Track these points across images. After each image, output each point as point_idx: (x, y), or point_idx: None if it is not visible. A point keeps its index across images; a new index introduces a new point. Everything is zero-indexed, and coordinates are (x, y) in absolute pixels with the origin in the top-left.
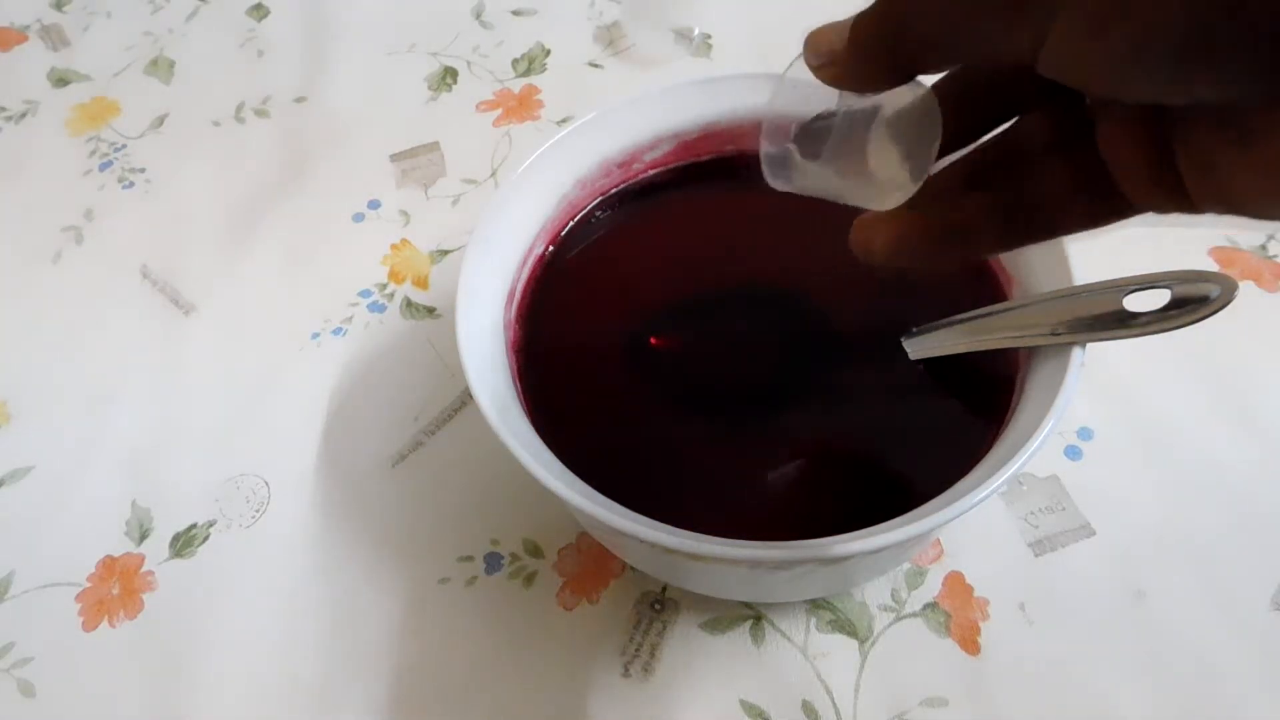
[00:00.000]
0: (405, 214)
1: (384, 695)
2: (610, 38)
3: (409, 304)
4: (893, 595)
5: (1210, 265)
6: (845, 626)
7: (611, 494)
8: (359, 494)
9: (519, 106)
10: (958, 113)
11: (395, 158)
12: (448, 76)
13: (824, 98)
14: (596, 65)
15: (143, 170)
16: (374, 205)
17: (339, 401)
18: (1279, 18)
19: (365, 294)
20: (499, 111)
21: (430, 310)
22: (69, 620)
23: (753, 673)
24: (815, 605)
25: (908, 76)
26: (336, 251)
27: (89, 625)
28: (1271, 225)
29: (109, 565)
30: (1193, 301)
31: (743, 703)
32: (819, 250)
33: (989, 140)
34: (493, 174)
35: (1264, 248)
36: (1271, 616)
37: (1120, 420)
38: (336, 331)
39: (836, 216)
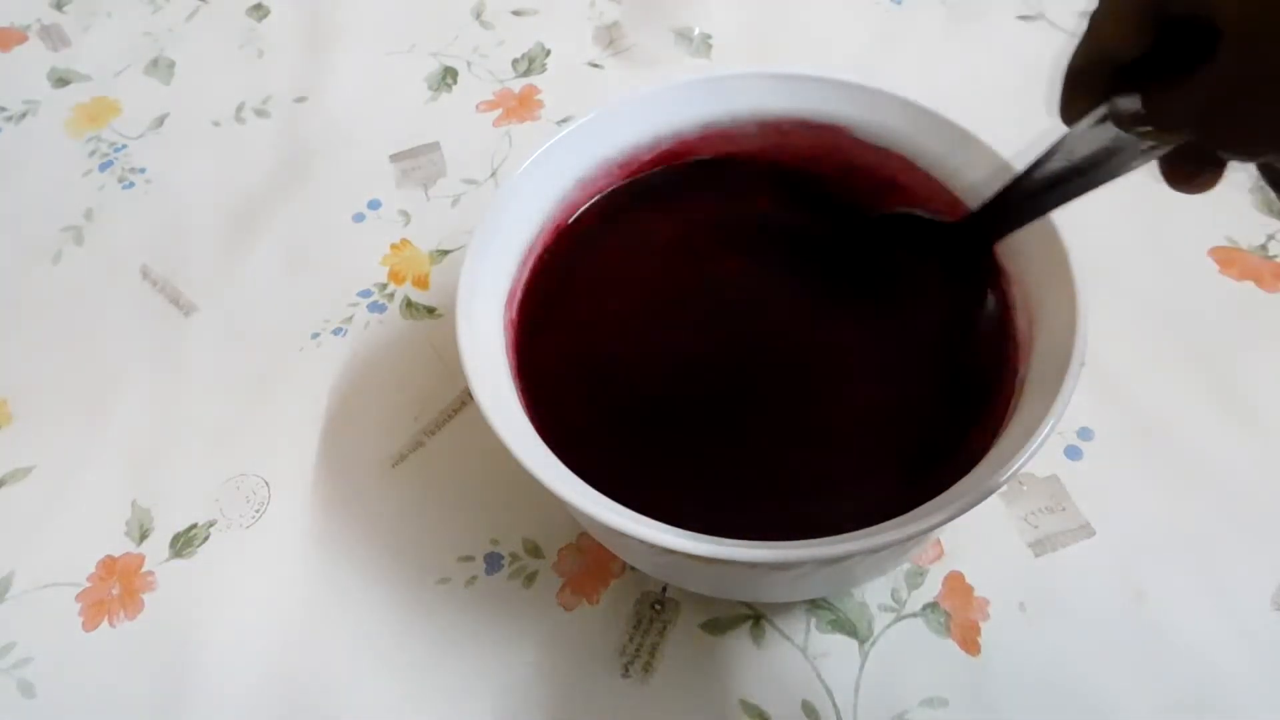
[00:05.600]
0: (405, 214)
1: (384, 695)
2: (610, 38)
3: (409, 304)
4: (893, 595)
5: (1210, 265)
6: (845, 626)
7: (611, 494)
8: (359, 494)
9: (519, 106)
10: None
11: (395, 158)
12: (448, 76)
13: None
14: (596, 65)
15: (143, 170)
16: (374, 205)
17: (339, 401)
18: None
19: (365, 294)
20: (499, 111)
21: (430, 310)
22: (69, 620)
23: (753, 673)
24: (815, 605)
25: None
26: (336, 251)
27: (89, 625)
28: (1272, 225)
29: (109, 565)
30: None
31: (743, 703)
32: (819, 250)
33: None
34: (493, 174)
35: (1264, 248)
36: (1271, 616)
37: (1120, 420)
38: (336, 331)
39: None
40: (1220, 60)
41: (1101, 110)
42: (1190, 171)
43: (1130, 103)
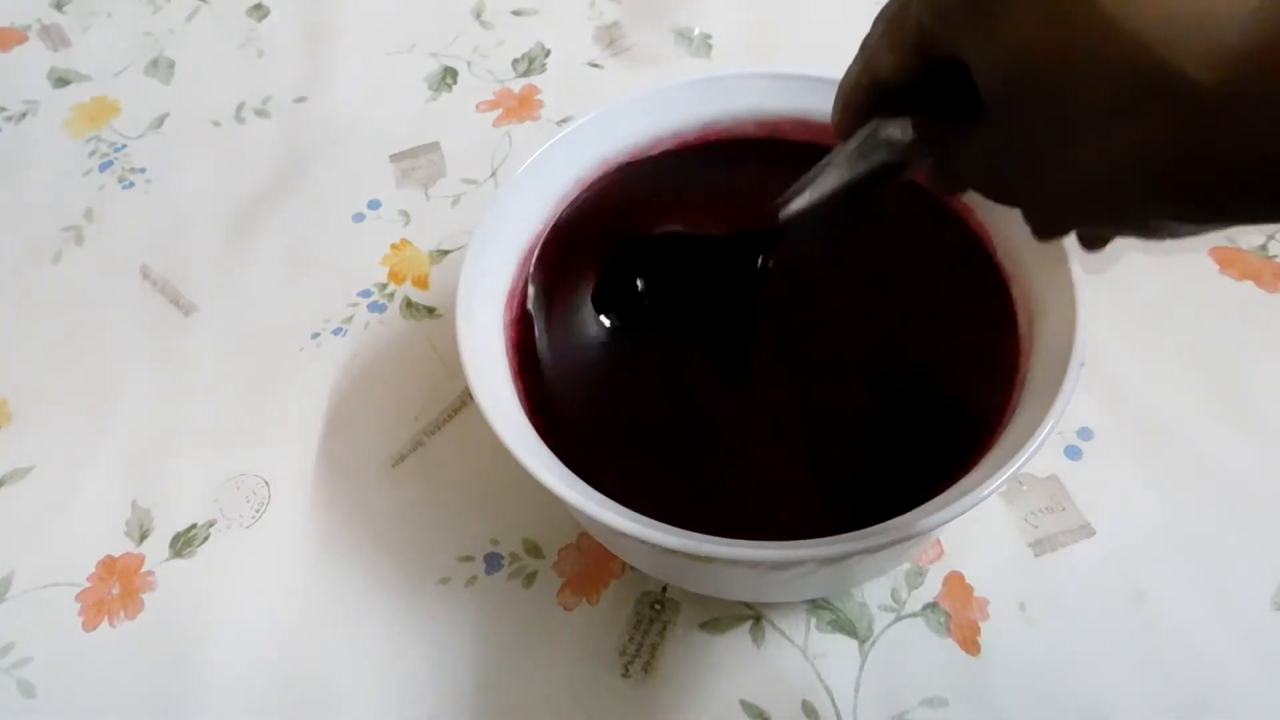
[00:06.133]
0: (405, 214)
1: (384, 695)
2: (610, 38)
3: (409, 304)
4: (893, 595)
5: (1209, 265)
6: (845, 626)
7: (611, 494)
8: (359, 494)
9: (519, 106)
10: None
11: (395, 158)
12: (448, 76)
13: None
14: (596, 65)
15: (143, 170)
16: (374, 205)
17: (339, 401)
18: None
19: (365, 294)
20: (499, 111)
21: (430, 310)
22: (69, 620)
23: (753, 673)
24: (815, 605)
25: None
26: (336, 251)
27: (89, 625)
28: (1271, 226)
29: (109, 565)
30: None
31: (743, 703)
32: (818, 248)
33: None
34: (493, 174)
35: (1264, 248)
36: (1271, 616)
37: (1120, 420)
38: (337, 331)
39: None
40: (981, 125)
41: (868, 129)
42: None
43: (898, 129)
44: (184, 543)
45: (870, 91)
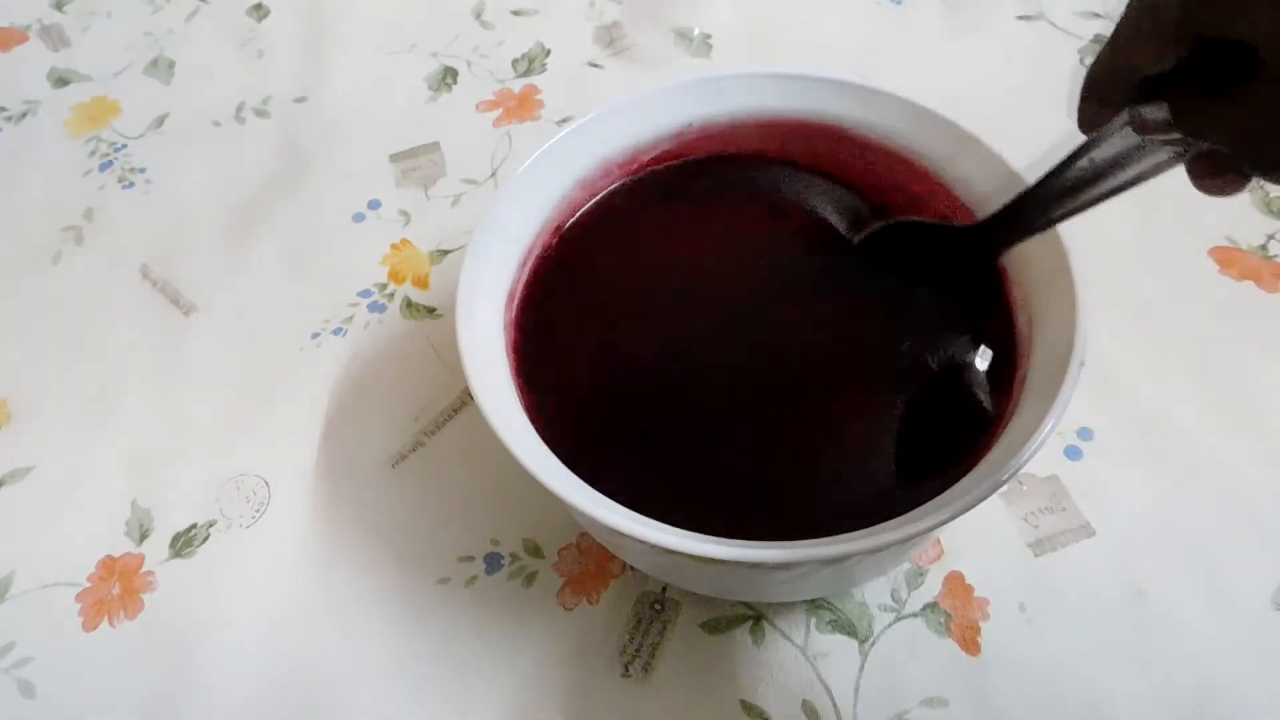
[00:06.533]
0: (405, 214)
1: (384, 695)
2: (610, 38)
3: (409, 304)
4: (893, 595)
5: (1210, 265)
6: (845, 626)
7: (612, 494)
8: (359, 494)
9: (519, 106)
10: None
11: (395, 158)
12: (448, 76)
13: None
14: (596, 65)
15: (143, 170)
16: (374, 205)
17: (339, 401)
18: None
19: (365, 294)
20: (499, 111)
21: (430, 310)
22: (69, 620)
23: (753, 673)
24: (815, 605)
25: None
26: (336, 251)
27: (89, 625)
28: (1272, 225)
29: (109, 565)
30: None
31: (743, 703)
32: (819, 248)
33: None
34: (493, 174)
35: (1264, 248)
36: (1271, 616)
37: (1120, 420)
38: (337, 331)
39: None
40: (1260, 86)
41: (1123, 118)
42: (1217, 177)
43: (1156, 111)
44: (184, 543)
45: (1124, 82)
